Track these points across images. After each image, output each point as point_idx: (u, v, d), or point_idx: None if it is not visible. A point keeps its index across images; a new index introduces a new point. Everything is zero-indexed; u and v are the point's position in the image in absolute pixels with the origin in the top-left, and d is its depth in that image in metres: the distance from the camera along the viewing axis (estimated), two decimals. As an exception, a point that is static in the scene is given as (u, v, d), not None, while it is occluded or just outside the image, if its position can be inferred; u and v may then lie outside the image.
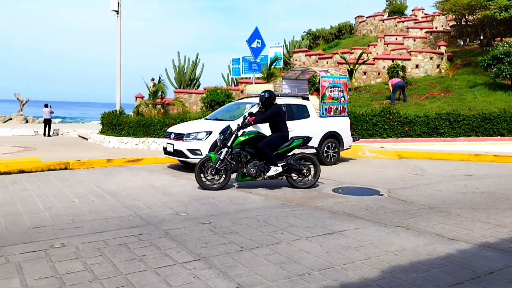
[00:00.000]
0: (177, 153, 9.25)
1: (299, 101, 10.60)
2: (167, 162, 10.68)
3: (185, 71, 23.46)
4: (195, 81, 23.72)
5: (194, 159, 9.06)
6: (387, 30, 34.68)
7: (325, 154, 10.63)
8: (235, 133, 7.51)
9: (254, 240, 4.70)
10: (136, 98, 20.21)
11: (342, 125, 11.06)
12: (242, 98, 11.77)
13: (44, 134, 21.45)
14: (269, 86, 11.10)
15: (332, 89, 10.99)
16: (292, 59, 27.93)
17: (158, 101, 18.01)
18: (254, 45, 14.36)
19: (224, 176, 7.50)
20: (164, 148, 9.79)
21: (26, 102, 45.19)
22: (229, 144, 7.45)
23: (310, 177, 7.77)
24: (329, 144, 10.72)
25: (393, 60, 22.63)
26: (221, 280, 3.61)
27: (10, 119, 46.22)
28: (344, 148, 11.10)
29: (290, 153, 7.90)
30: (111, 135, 15.33)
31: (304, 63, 26.64)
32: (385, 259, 4.14)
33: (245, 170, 7.48)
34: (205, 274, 3.74)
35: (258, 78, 19.05)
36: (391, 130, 15.07)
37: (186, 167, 9.98)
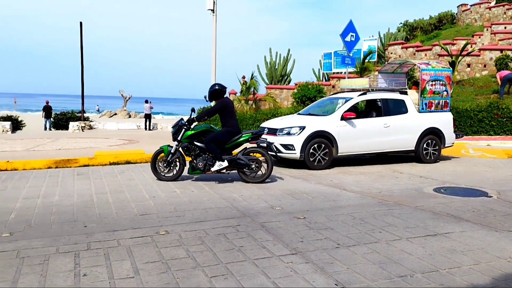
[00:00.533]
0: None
1: (396, 95, 10.14)
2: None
3: (276, 67, 23.65)
4: (286, 76, 23.82)
5: (287, 154, 9.10)
6: (494, 18, 31.86)
7: (424, 152, 10.06)
8: (184, 127, 7.62)
9: (350, 237, 4.58)
10: (229, 94, 20.82)
11: (443, 121, 10.36)
12: (336, 93, 11.55)
13: (145, 128, 22.98)
14: (363, 81, 10.76)
15: (433, 82, 10.34)
16: (387, 52, 26.84)
17: (250, 97, 18.38)
18: (348, 38, 14.02)
19: (177, 168, 7.63)
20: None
21: (129, 98, 48.81)
22: (179, 138, 7.58)
23: (261, 172, 7.62)
24: (429, 141, 10.11)
25: (501, 50, 20.73)
26: (318, 276, 3.57)
27: (115, 114, 50.27)
28: (446, 145, 10.40)
29: (241, 148, 7.83)
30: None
31: (400, 56, 25.47)
32: (497, 266, 3.79)
33: (194, 164, 7.54)
34: (302, 269, 3.72)
35: (350, 73, 18.59)
36: (499, 127, 13.83)
37: (278, 161, 10.05)
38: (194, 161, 7.58)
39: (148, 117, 23.07)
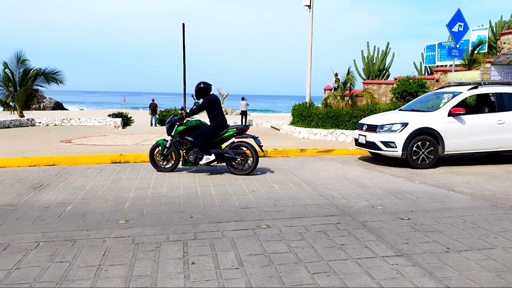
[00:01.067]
0: (369, 145, 9.06)
1: (512, 89, 9.22)
2: (358, 153, 10.57)
3: (374, 61, 22.86)
4: (384, 71, 22.92)
5: (388, 152, 8.75)
6: None
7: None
8: (177, 123, 8.13)
9: (461, 242, 4.27)
10: (324, 90, 20.58)
11: None
12: (442, 88, 10.84)
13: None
14: (474, 74, 9.94)
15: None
16: (499, 42, 24.51)
17: (346, 93, 17.99)
18: (455, 29, 13.07)
19: (173, 160, 8.21)
20: (356, 140, 9.70)
21: (226, 95, 50.51)
22: (172, 133, 8.10)
23: (248, 164, 7.96)
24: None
25: None
26: (427, 280, 3.38)
27: (214, 111, 52.18)
28: None
29: (229, 142, 8.18)
30: (301, 126, 15.95)
31: (514, 46, 23.11)
32: None
33: (186, 157, 8.03)
34: (409, 272, 3.55)
35: (457, 66, 17.33)
36: None
37: (378, 159, 9.71)
38: (186, 154, 8.09)
39: (244, 114, 23.70)
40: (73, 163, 8.93)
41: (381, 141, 8.76)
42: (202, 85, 8.07)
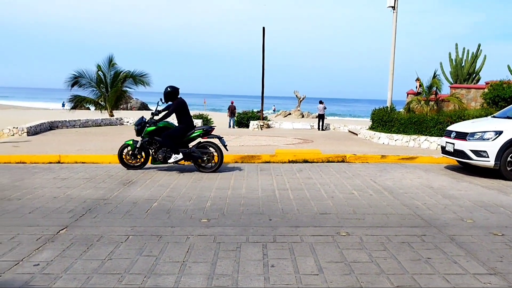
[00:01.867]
0: (458, 153, 8.52)
1: None
2: (444, 162, 10.00)
3: (462, 64, 21.51)
4: (474, 75, 21.47)
5: (478, 161, 8.17)
6: None
7: None
8: (147, 124, 8.55)
9: None
10: (407, 95, 19.75)
11: None
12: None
13: (318, 128, 23.39)
14: None
15: None
16: None
17: (431, 97, 17.11)
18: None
19: (142, 159, 8.67)
20: (442, 147, 9.18)
21: (303, 98, 50.37)
22: (142, 134, 8.52)
23: (213, 162, 8.47)
24: None
25: None
26: (526, 305, 3.10)
27: (290, 114, 52.45)
28: None
29: (195, 142, 8.70)
30: (380, 131, 15.43)
31: None
32: None
33: (155, 155, 8.49)
34: (505, 293, 3.28)
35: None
36: None
37: (466, 169, 9.11)
38: (155, 153, 8.52)
39: (321, 117, 23.44)
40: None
41: (471, 150, 8.21)
42: (169, 89, 8.54)
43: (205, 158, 8.43)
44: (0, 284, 3.37)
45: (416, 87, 18.57)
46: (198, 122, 22.89)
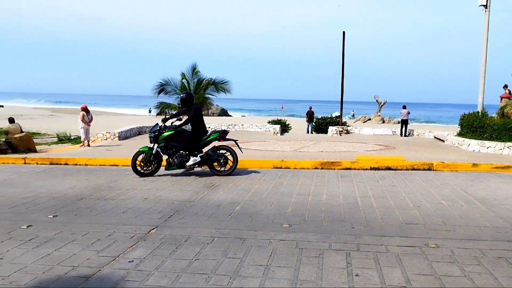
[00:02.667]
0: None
1: None
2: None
3: None
4: None
5: None
6: None
7: None
8: (162, 131, 8.73)
9: None
10: (501, 99, 18.34)
11: None
12: None
13: (401, 134, 22.49)
14: None
15: None
16: None
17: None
18: None
19: (156, 165, 8.70)
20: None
21: (384, 103, 48.79)
22: (158, 140, 8.68)
23: (227, 166, 8.68)
24: None
25: None
26: None
27: (369, 119, 51.07)
28: None
29: (211, 145, 8.94)
30: (470, 137, 14.48)
31: None
32: None
33: (171, 161, 8.65)
34: None
35: None
36: None
37: None
38: (170, 158, 8.68)
39: (404, 123, 22.53)
40: (239, 166, 9.60)
41: None
42: (185, 96, 8.98)
43: (222, 161, 8.64)
44: (100, 278, 3.65)
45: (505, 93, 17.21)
46: (276, 127, 23.09)
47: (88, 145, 15.18)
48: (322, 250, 4.31)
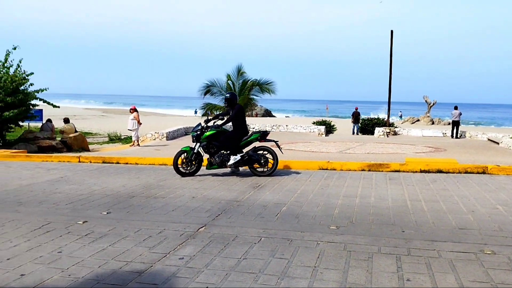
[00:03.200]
0: None
1: None
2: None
3: None
4: None
5: None
6: None
7: None
8: (203, 130, 8.82)
9: None
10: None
11: None
12: None
13: (452, 136, 21.70)
14: None
15: None
16: None
17: None
18: None
19: (196, 165, 8.77)
20: None
21: (433, 104, 47.22)
22: (200, 139, 8.77)
23: (268, 167, 8.69)
24: None
25: None
26: None
27: (418, 120, 49.59)
28: None
29: (251, 146, 8.98)
30: (528, 140, 13.76)
31: None
32: None
33: (212, 160, 8.75)
34: None
35: None
36: None
37: None
38: (211, 158, 8.77)
39: (456, 124, 21.71)
40: (284, 167, 9.61)
41: None
42: (229, 96, 9.13)
43: (262, 161, 8.68)
44: (152, 273, 3.77)
45: None
46: (321, 128, 22.90)
47: (138, 144, 15.70)
48: (371, 254, 4.23)
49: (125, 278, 3.66)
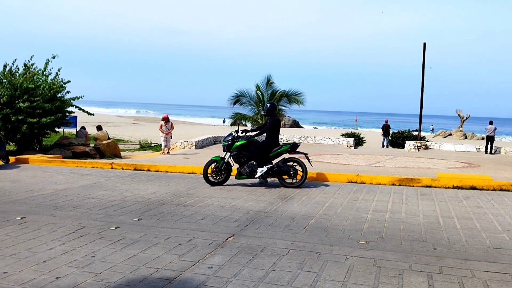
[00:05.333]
0: None
1: None
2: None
3: None
4: None
5: None
6: None
7: None
8: (234, 140, 8.83)
9: None
10: None
11: None
12: None
13: (486, 152, 21.10)
14: None
15: None
16: None
17: None
18: None
19: (225, 174, 8.83)
20: None
21: (466, 118, 46.10)
22: (231, 149, 8.79)
23: (297, 178, 8.66)
24: None
25: None
26: None
27: (450, 134, 48.46)
28: None
29: (280, 157, 8.99)
30: None
31: None
32: None
33: (241, 170, 8.79)
34: None
35: None
36: None
37: None
38: (241, 168, 8.81)
39: (490, 139, 21.11)
40: (312, 179, 9.57)
41: None
42: (269, 106, 9.06)
43: (292, 173, 8.65)
44: (182, 281, 3.82)
45: None
46: (350, 141, 22.69)
47: (168, 152, 15.95)
48: (402, 270, 4.16)
49: (156, 285, 3.72)
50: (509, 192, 8.52)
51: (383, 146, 26.42)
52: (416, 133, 25.54)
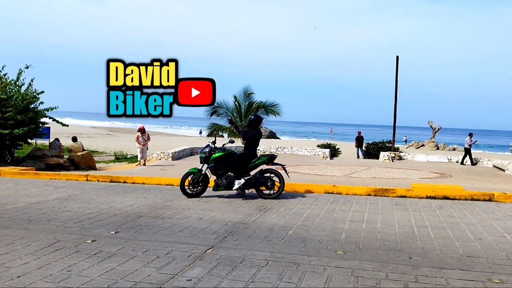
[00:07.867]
0: None
1: None
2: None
3: None
4: None
5: None
6: None
7: None
8: (211, 152, 8.87)
9: None
10: None
11: None
12: None
13: (472, 163, 21.37)
14: None
15: None
16: None
17: None
18: None
19: (203, 186, 8.86)
20: None
21: (438, 129, 47.29)
22: (209, 161, 8.83)
23: (274, 190, 8.77)
24: None
25: None
26: None
27: (423, 145, 49.56)
28: None
29: (258, 168, 9.05)
30: (535, 168, 13.74)
31: None
32: None
33: (219, 181, 8.83)
34: None
35: None
36: None
37: None
38: (218, 179, 8.83)
39: (468, 151, 21.59)
40: (290, 190, 9.64)
41: None
42: (253, 117, 9.25)
43: (269, 184, 8.74)
44: (161, 294, 3.79)
45: None
46: (326, 152, 22.94)
47: (144, 164, 15.78)
48: (379, 280, 4.24)
49: (134, 298, 3.68)
50: (480, 201, 8.78)
51: (357, 156, 26.80)
52: (390, 144, 26.03)
